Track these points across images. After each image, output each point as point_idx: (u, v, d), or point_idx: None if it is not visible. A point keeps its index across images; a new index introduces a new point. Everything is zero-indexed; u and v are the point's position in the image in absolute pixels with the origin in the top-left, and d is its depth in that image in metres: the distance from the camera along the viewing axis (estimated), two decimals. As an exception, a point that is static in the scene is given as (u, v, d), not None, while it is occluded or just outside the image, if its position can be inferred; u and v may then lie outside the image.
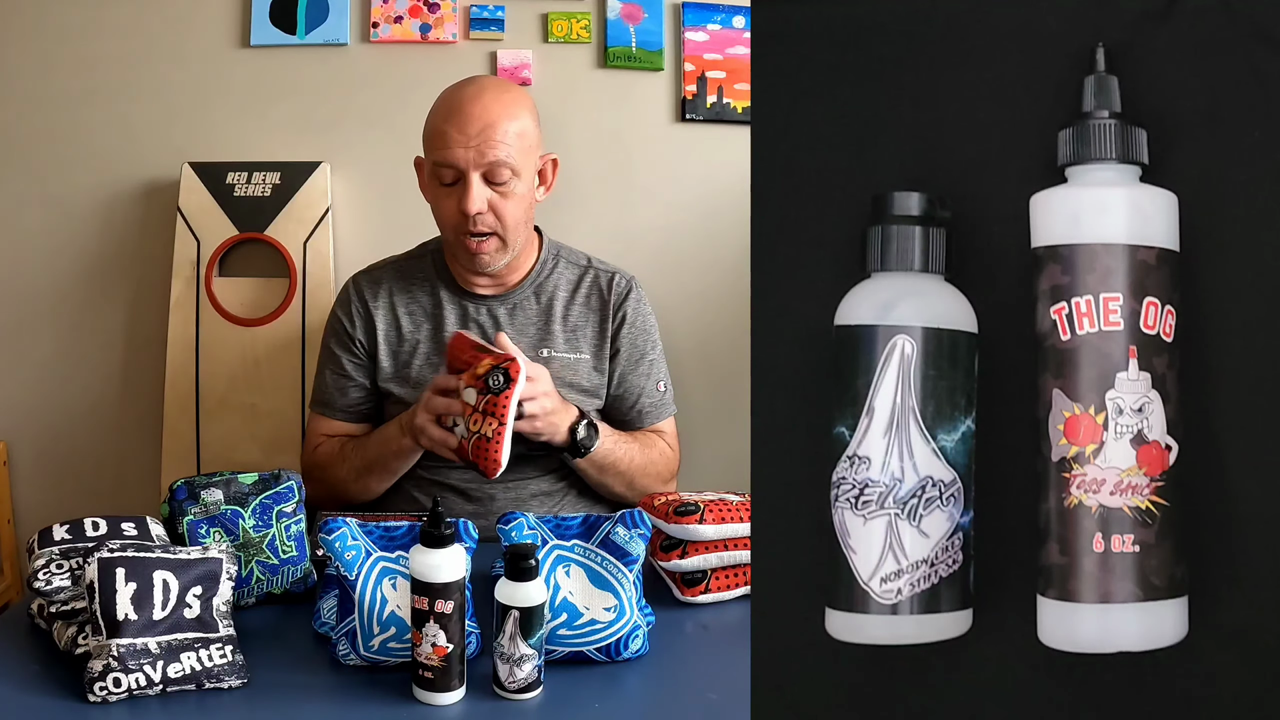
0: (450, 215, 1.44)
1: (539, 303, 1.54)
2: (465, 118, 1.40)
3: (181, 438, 2.01)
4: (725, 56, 2.04)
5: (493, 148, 1.40)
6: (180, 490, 1.18)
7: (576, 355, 1.53)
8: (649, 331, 1.58)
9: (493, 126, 1.40)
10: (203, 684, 0.98)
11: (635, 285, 1.58)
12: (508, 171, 1.42)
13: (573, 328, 1.54)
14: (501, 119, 1.41)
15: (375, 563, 1.04)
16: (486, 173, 1.41)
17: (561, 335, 1.53)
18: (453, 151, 1.40)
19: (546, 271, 1.56)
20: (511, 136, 1.42)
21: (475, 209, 1.40)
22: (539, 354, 1.51)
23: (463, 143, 1.40)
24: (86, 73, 2.03)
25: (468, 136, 1.40)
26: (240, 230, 2.00)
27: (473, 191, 1.40)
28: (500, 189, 1.43)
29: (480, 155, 1.40)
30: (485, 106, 1.41)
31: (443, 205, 1.45)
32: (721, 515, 1.18)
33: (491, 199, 1.42)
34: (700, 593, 1.18)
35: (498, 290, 1.53)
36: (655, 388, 1.58)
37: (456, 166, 1.41)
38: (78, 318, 2.09)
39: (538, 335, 1.52)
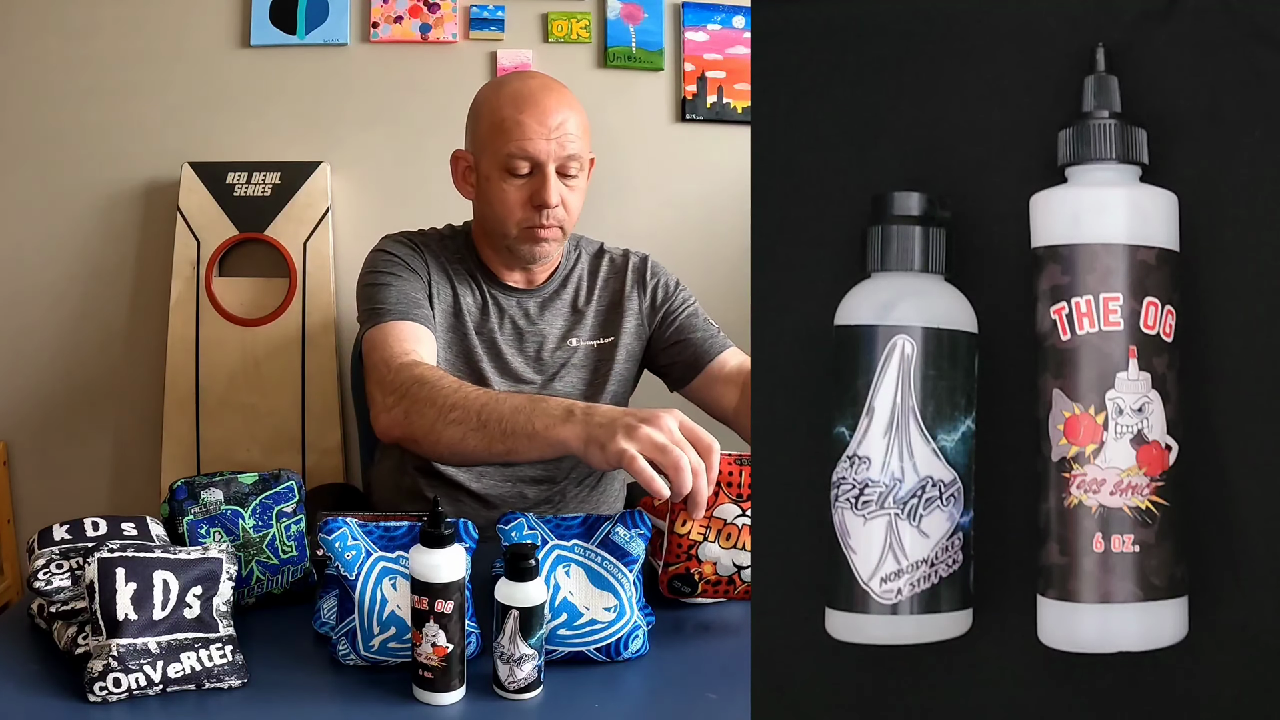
0: (518, 207, 1.42)
1: (566, 293, 1.54)
2: (543, 110, 1.39)
3: (181, 438, 2.01)
4: (725, 56, 2.04)
5: (570, 140, 1.40)
6: (180, 490, 1.18)
7: (604, 340, 1.54)
8: (681, 289, 1.59)
9: (568, 120, 1.41)
10: (203, 684, 0.98)
11: (651, 259, 1.60)
12: (578, 165, 1.43)
13: (598, 313, 1.54)
14: (574, 113, 1.42)
15: (375, 563, 1.04)
16: (561, 165, 1.41)
17: (590, 323, 1.54)
18: (534, 143, 1.39)
19: (571, 263, 1.56)
20: (581, 131, 1.43)
21: (555, 201, 1.40)
22: (567, 343, 1.52)
23: (544, 134, 1.39)
24: (86, 73, 2.03)
25: (548, 129, 1.39)
26: (240, 230, 2.01)
27: (552, 184, 1.40)
28: (570, 182, 1.43)
29: (561, 148, 1.40)
30: (558, 100, 1.42)
31: (509, 197, 1.42)
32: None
33: (562, 192, 1.42)
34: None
35: (529, 285, 1.53)
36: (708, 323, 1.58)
37: (536, 159, 1.39)
38: (78, 318, 2.09)
39: (565, 327, 1.53)
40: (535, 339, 1.51)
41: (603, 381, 1.53)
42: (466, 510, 1.49)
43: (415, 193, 2.09)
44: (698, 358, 1.54)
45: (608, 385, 1.53)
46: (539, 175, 1.40)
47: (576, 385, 1.52)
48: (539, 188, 1.40)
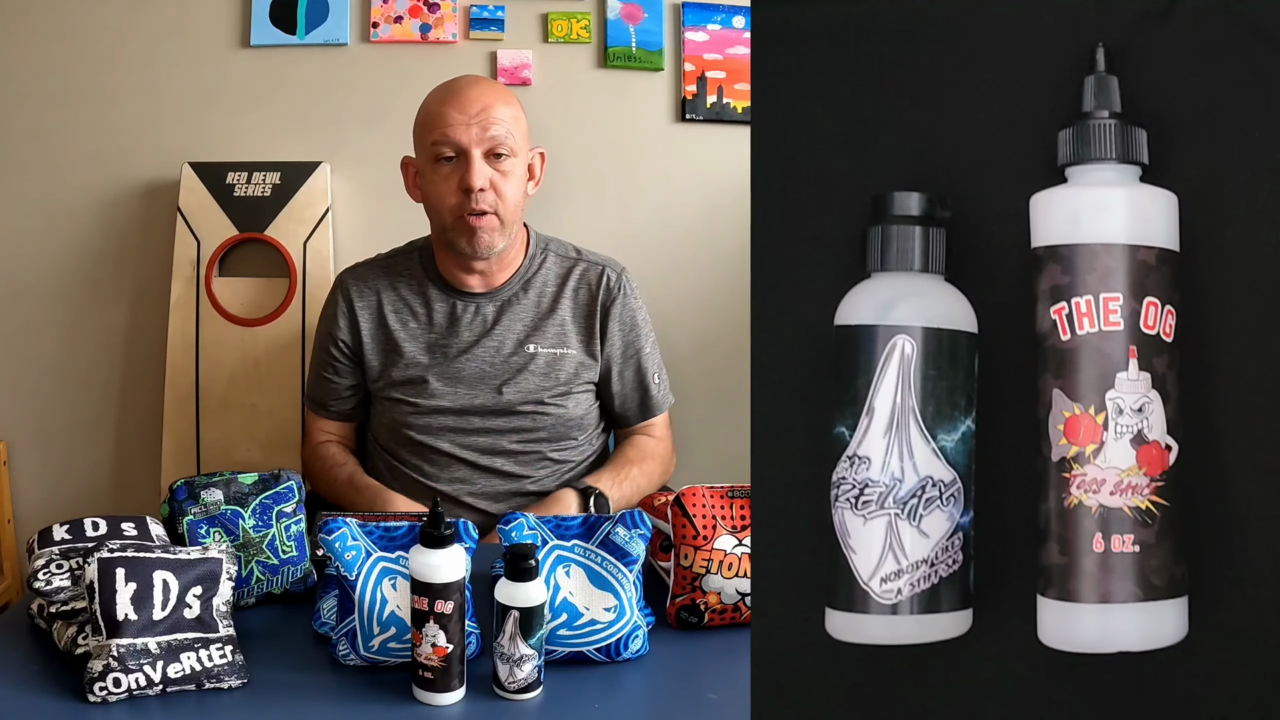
0: (449, 195, 1.45)
1: (528, 297, 1.54)
2: (464, 99, 1.45)
3: (181, 438, 2.01)
4: (725, 56, 2.04)
5: (493, 124, 1.44)
6: (180, 490, 1.18)
7: (564, 350, 1.53)
8: (640, 326, 1.58)
9: (491, 107, 1.45)
10: (203, 684, 0.98)
11: (625, 277, 1.58)
12: (507, 150, 1.45)
13: (560, 321, 1.54)
14: (497, 102, 1.46)
15: (375, 563, 1.04)
16: (487, 151, 1.44)
17: (550, 329, 1.53)
18: (454, 129, 1.43)
19: (535, 266, 1.56)
20: (508, 118, 1.46)
21: (479, 184, 1.43)
22: (525, 349, 1.52)
23: (463, 121, 1.43)
24: (87, 73, 2.03)
25: (468, 115, 1.43)
26: (240, 230, 2.00)
27: (474, 166, 1.43)
28: (501, 165, 1.45)
29: (482, 130, 1.43)
30: (481, 91, 1.47)
31: (441, 188, 1.46)
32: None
33: (492, 177, 1.45)
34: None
35: (486, 288, 1.53)
36: (652, 380, 1.59)
37: (458, 143, 1.43)
38: (78, 318, 2.09)
39: (525, 331, 1.52)
40: (492, 344, 1.51)
41: (563, 391, 1.52)
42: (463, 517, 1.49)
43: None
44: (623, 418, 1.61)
45: (570, 393, 1.53)
46: (463, 160, 1.44)
47: (531, 392, 1.51)
48: (464, 171, 1.43)
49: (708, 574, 1.13)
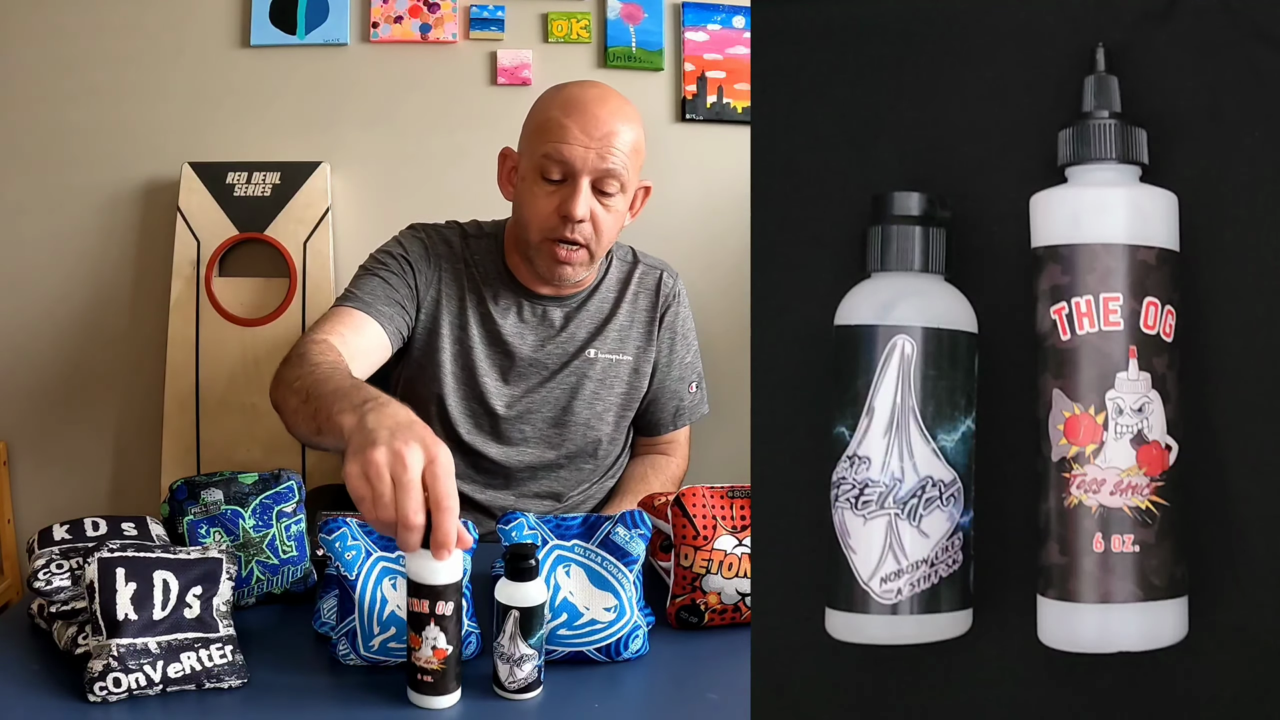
0: (544, 215, 1.37)
1: (594, 304, 1.50)
2: (591, 118, 1.34)
3: (181, 438, 2.01)
4: (725, 56, 2.04)
5: (612, 154, 1.34)
6: (180, 490, 1.18)
7: (620, 356, 1.50)
8: (688, 335, 1.57)
9: (615, 134, 1.34)
10: (203, 684, 0.98)
11: (679, 284, 1.56)
12: (617, 184, 1.36)
13: (621, 328, 1.51)
14: (625, 129, 1.36)
15: (375, 563, 1.04)
16: (597, 179, 1.35)
17: (612, 335, 1.50)
18: (571, 149, 1.33)
19: (602, 273, 1.52)
20: (630, 149, 1.36)
21: (580, 214, 1.34)
22: (586, 354, 1.48)
23: (584, 142, 1.33)
24: (87, 73, 2.03)
25: (590, 138, 1.33)
26: (240, 230, 2.00)
27: (580, 195, 1.34)
28: (606, 201, 1.37)
29: (600, 159, 1.34)
30: (611, 112, 1.36)
31: (538, 203, 1.37)
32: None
33: (594, 208, 1.36)
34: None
35: (555, 293, 1.48)
36: (688, 390, 1.58)
37: (571, 165, 1.34)
38: (78, 318, 2.09)
39: (588, 337, 1.49)
40: (558, 348, 1.48)
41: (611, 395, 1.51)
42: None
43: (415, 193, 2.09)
44: (657, 424, 1.58)
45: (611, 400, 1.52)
46: (571, 184, 1.35)
47: (585, 397, 1.50)
48: (568, 196, 1.34)
49: (708, 574, 1.13)
